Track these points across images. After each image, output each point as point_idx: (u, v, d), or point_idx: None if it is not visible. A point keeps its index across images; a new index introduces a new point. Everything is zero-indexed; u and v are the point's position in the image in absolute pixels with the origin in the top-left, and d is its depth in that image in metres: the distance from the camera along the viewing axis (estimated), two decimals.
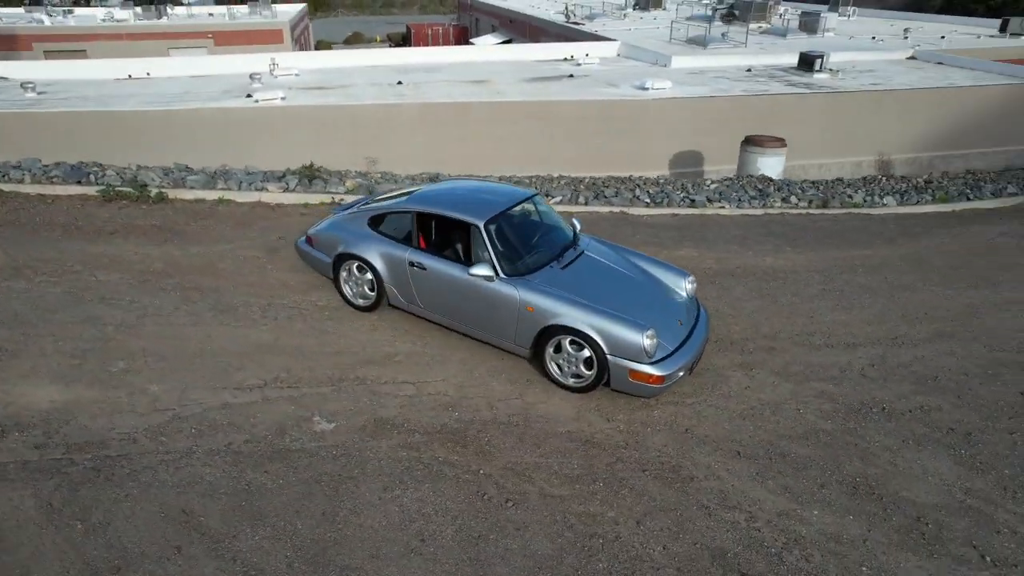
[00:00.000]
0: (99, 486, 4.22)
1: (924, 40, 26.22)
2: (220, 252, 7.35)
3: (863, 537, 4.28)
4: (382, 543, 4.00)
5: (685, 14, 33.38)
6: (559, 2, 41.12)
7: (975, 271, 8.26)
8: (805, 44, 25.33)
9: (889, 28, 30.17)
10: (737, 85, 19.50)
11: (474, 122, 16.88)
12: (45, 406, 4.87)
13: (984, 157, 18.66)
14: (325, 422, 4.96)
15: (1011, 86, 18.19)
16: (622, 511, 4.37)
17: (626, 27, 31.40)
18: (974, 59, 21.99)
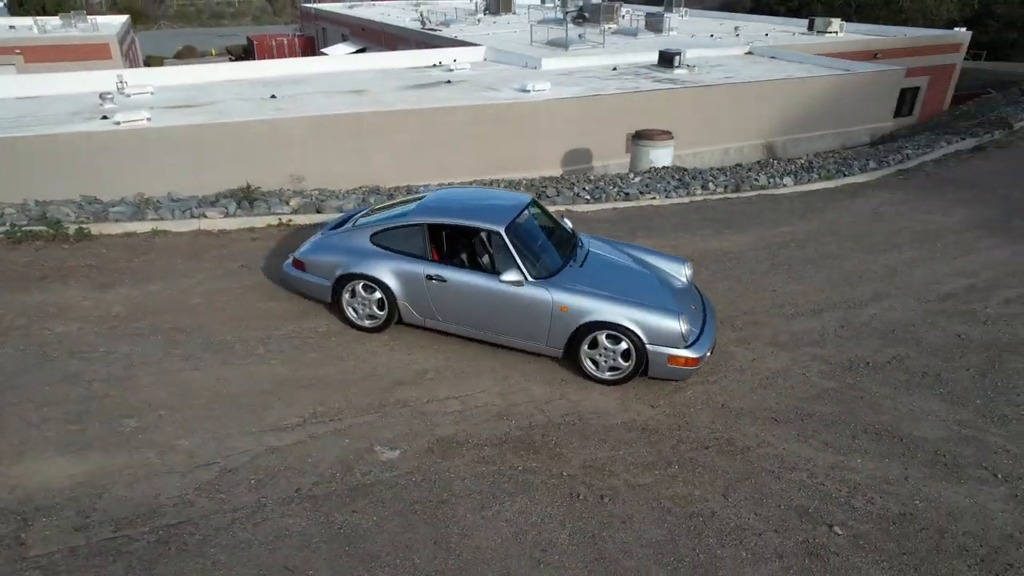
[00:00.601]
0: (177, 560, 3.76)
1: (750, 37, 29.12)
2: (184, 287, 6.68)
3: (904, 475, 4.84)
4: (507, 560, 3.93)
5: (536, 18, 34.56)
6: (406, 10, 40.94)
7: (877, 237, 9.45)
8: (655, 43, 27.19)
9: (720, 27, 33.16)
10: (610, 83, 20.54)
11: (369, 132, 16.46)
12: (63, 482, 4.23)
13: (823, 139, 21.14)
14: (388, 450, 4.74)
15: (838, 76, 20.75)
16: (705, 488, 4.60)
17: (482, 32, 31.91)
18: (800, 53, 24.80)
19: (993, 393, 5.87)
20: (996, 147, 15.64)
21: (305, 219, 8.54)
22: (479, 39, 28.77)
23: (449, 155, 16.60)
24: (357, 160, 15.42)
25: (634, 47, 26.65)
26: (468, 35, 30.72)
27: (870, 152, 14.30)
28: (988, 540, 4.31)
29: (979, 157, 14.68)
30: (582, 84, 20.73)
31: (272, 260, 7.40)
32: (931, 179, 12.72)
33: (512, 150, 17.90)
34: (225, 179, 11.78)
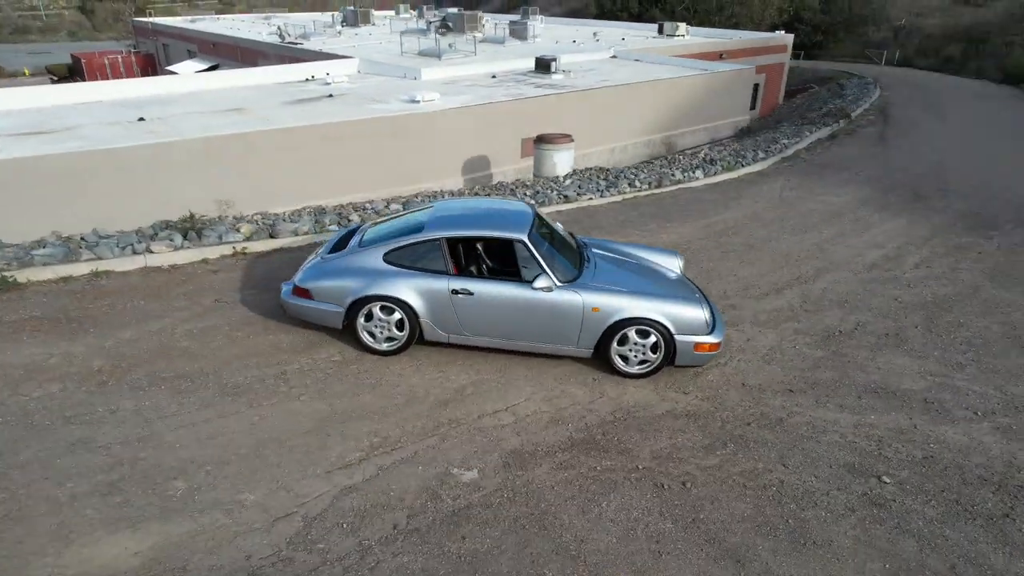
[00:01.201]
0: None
1: (609, 42, 30.82)
2: (164, 331, 6.04)
3: (912, 424, 5.49)
4: (632, 557, 4.02)
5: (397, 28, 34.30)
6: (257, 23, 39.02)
7: (794, 220, 10.49)
8: (523, 50, 27.99)
9: (577, 33, 34.75)
10: (495, 91, 20.90)
11: (266, 152, 15.63)
12: (133, 562, 3.74)
13: (695, 134, 22.87)
14: (466, 471, 4.64)
15: (702, 75, 22.55)
16: (764, 461, 4.95)
17: (346, 44, 31.17)
18: (660, 55, 26.63)
19: (943, 345, 6.77)
20: (845, 135, 17.79)
21: (261, 246, 8.01)
22: (345, 51, 28.08)
23: (350, 170, 16.10)
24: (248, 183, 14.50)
25: (505, 55, 27.27)
26: (332, 48, 29.87)
27: (754, 144, 15.73)
28: (995, 469, 5.00)
29: (836, 144, 16.63)
30: (468, 92, 20.93)
31: (247, 292, 6.88)
32: (809, 165, 14.25)
33: (413, 162, 17.73)
34: (112, 211, 10.76)
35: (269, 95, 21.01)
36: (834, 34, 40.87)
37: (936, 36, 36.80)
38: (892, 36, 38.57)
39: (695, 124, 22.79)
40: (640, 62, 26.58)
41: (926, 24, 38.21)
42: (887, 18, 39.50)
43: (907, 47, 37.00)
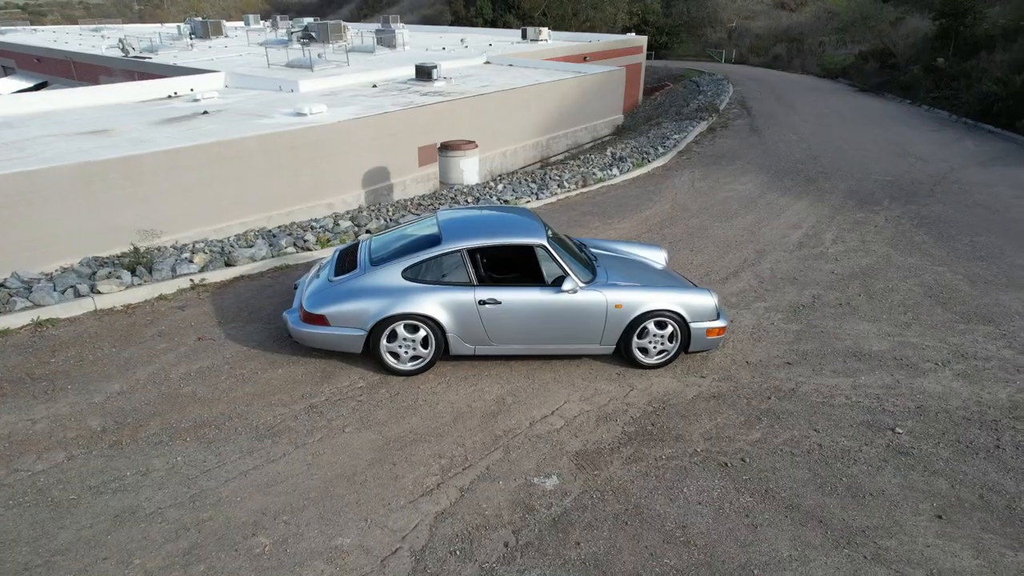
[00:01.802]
0: None
1: (476, 48, 31.23)
2: (157, 377, 5.43)
3: (895, 381, 6.18)
4: (733, 533, 4.24)
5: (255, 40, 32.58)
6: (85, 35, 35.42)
7: (717, 208, 11.30)
8: (396, 58, 27.68)
9: (440, 40, 34.83)
10: (382, 100, 20.53)
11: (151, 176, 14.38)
12: None
13: (577, 134, 23.80)
14: (544, 479, 4.64)
15: (579, 77, 23.51)
16: (797, 428, 5.38)
17: (201, 57, 29.15)
18: (531, 59, 27.41)
19: (886, 309, 7.66)
20: (721, 127, 19.32)
21: (219, 276, 7.39)
22: (202, 65, 26.31)
23: (247, 190, 15.19)
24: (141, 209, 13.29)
25: (379, 64, 26.83)
26: (186, 61, 27.87)
27: (650, 140, 16.67)
28: (971, 409, 5.78)
29: (717, 136, 18.02)
30: (355, 103, 20.41)
31: (229, 327, 6.35)
32: (703, 157, 15.37)
33: (313, 177, 17.07)
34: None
35: (133, 114, 19.25)
36: (677, 35, 44.10)
37: (764, 36, 40.86)
38: (727, 37, 42.32)
39: (577, 124, 23.71)
40: (514, 67, 27.19)
41: (753, 26, 42.33)
42: (721, 20, 43.27)
43: (741, 46, 40.77)
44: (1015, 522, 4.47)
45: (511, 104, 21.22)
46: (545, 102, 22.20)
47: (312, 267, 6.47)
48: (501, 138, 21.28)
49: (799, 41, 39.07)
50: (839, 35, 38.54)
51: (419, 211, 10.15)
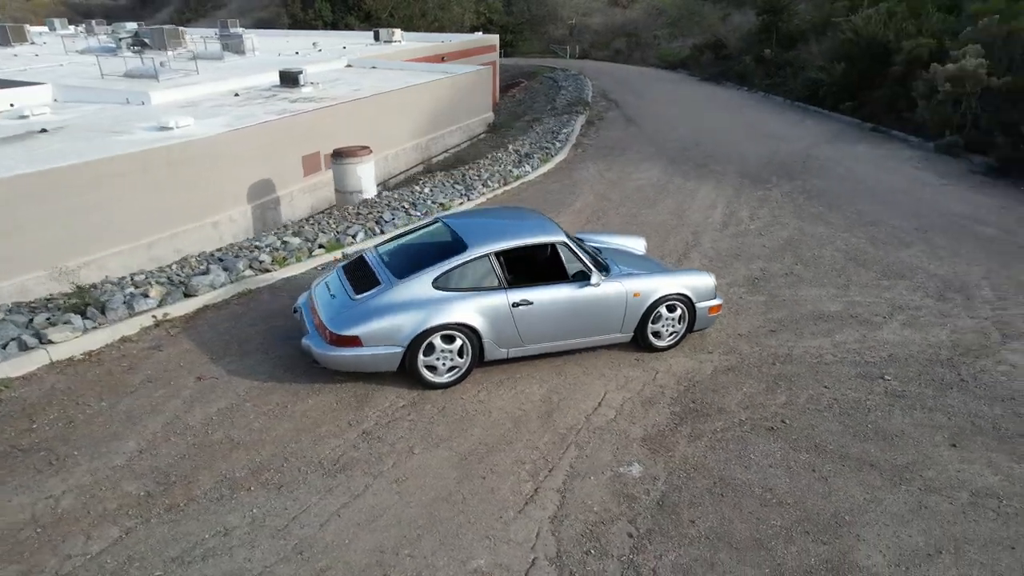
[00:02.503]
0: None
1: (330, 52, 30.17)
2: (175, 427, 4.82)
3: (863, 335, 6.97)
4: (811, 488, 4.63)
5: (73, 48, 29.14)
6: None
7: (636, 196, 11.93)
8: (248, 64, 26.05)
9: (288, 43, 33.17)
10: (252, 109, 19.29)
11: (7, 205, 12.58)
12: None
13: (453, 134, 23.82)
14: (628, 467, 4.76)
15: (451, 77, 23.52)
16: (811, 388, 5.93)
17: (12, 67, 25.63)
18: (394, 61, 26.98)
19: (822, 274, 8.57)
20: (598, 120, 20.28)
21: (182, 309, 6.66)
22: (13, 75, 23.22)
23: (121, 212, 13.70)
24: None
25: (234, 71, 25.12)
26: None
27: (541, 136, 17.10)
28: (928, 351, 6.68)
29: (599, 128, 18.91)
30: (223, 114, 19.03)
31: (225, 362, 5.78)
32: (596, 149, 16.07)
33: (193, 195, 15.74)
34: None
35: None
36: (521, 33, 45.34)
37: (602, 32, 43.20)
38: (569, 33, 44.22)
39: (453, 124, 23.73)
40: (378, 69, 26.62)
41: (592, 22, 44.61)
42: (561, 18, 45.12)
43: (583, 42, 42.80)
44: (1008, 439, 5.27)
45: (390, 107, 20.80)
46: (422, 104, 21.99)
47: (313, 288, 6.04)
48: (383, 142, 20.79)
49: (635, 36, 41.76)
50: (670, 29, 41.73)
51: (360, 219, 9.73)
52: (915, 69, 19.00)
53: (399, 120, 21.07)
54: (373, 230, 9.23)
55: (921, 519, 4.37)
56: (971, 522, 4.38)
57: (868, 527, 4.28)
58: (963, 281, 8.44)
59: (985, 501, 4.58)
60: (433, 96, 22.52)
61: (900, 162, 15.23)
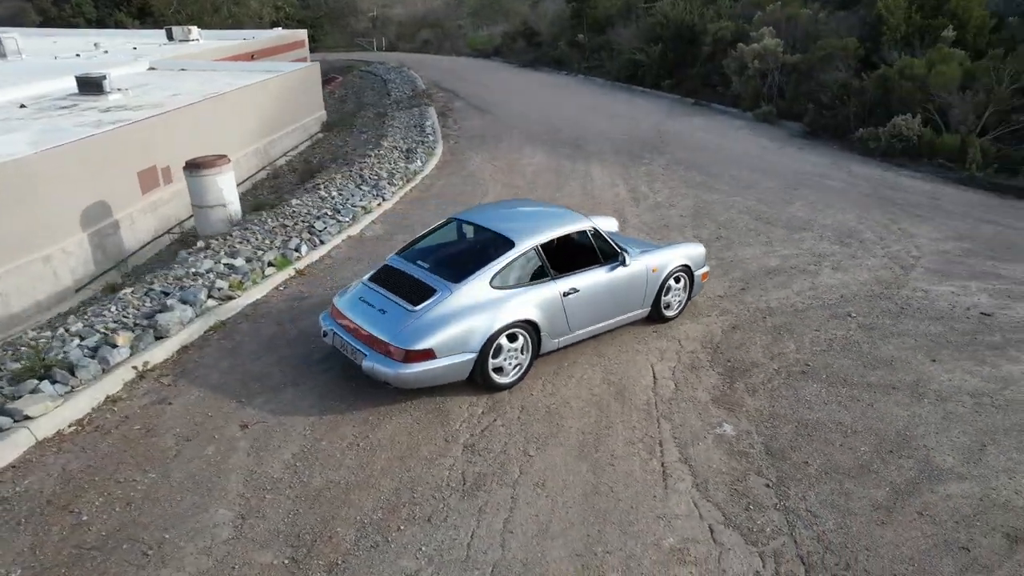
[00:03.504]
0: None
1: (123, 52, 26.72)
2: (260, 486, 4.18)
3: (812, 284, 7.95)
4: (866, 413, 5.29)
5: None
6: None
7: (543, 182, 12.26)
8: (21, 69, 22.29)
9: (56, 44, 28.67)
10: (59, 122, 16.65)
11: None
12: None
13: (290, 135, 22.41)
14: (721, 429, 5.08)
15: (282, 76, 22.00)
16: (807, 334, 6.69)
17: None
18: (204, 62, 24.59)
19: (745, 235, 9.57)
20: (448, 111, 20.30)
21: (161, 354, 5.74)
22: None
23: None
24: None
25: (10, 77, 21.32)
26: None
27: (406, 130, 16.73)
28: (865, 289, 7.82)
29: (457, 119, 18.96)
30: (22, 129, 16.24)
31: (258, 404, 5.12)
32: (467, 140, 16.15)
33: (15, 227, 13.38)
34: None
35: None
36: (321, 27, 43.44)
37: (407, 23, 42.86)
38: (372, 26, 43.23)
39: (290, 125, 22.31)
40: (188, 71, 24.12)
41: (393, 14, 44.02)
42: (361, 10, 43.92)
43: (388, 34, 42.13)
44: (963, 348, 6.40)
45: (225, 111, 19.03)
46: (258, 105, 20.39)
47: (341, 307, 5.52)
48: (223, 149, 19.00)
49: (440, 26, 42.00)
50: (472, 19, 42.57)
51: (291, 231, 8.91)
52: (722, 49, 21.47)
53: (236, 124, 19.35)
54: (312, 241, 8.56)
55: (954, 423, 5.21)
56: (986, 417, 5.30)
57: (926, 438, 5.02)
58: (849, 228, 9.90)
59: (982, 399, 5.56)
60: (268, 96, 20.99)
61: (735, 131, 17.21)
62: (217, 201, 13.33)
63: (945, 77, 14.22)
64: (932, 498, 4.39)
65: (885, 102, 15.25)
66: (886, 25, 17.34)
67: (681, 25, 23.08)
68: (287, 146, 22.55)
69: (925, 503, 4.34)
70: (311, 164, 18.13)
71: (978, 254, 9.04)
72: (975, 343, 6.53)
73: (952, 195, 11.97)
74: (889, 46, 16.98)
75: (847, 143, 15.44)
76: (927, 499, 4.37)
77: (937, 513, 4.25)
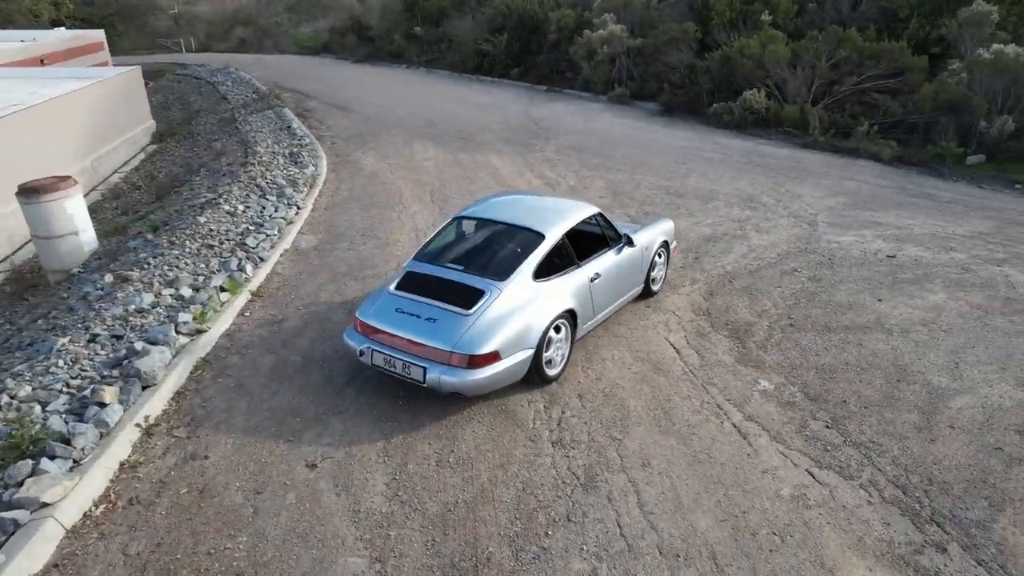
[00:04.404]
0: None
1: None
2: (384, 522, 3.79)
3: (750, 248, 8.73)
4: (863, 358, 6.00)
5: None
6: None
7: (447, 177, 12.11)
8: None
9: None
10: None
11: None
12: None
13: (119, 150, 19.99)
14: (761, 385, 5.49)
15: (100, 83, 19.40)
16: (776, 290, 7.36)
17: None
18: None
19: (669, 208, 10.20)
20: (306, 112, 19.28)
21: (155, 406, 4.98)
22: None
23: None
24: None
25: None
26: None
27: (276, 134, 15.61)
28: (792, 244, 8.75)
29: (319, 119, 18.04)
30: None
31: (309, 437, 4.65)
32: (345, 141, 15.48)
33: None
34: None
35: None
36: (113, 27, 38.76)
37: (216, 21, 39.55)
38: (175, 24, 39.35)
39: (117, 138, 19.84)
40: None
41: (199, 11, 40.36)
42: (161, 8, 39.76)
43: (197, 33, 38.63)
44: (894, 285, 7.43)
45: (38, 126, 16.47)
46: (77, 119, 17.86)
47: (373, 321, 5.12)
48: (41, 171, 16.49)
49: (255, 24, 39.35)
50: (290, 15, 40.38)
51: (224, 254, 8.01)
52: (566, 36, 22.41)
53: (54, 141, 16.83)
54: (252, 259, 7.79)
55: (926, 349, 6.07)
56: (943, 340, 6.23)
57: (915, 364, 5.80)
58: (747, 193, 10.94)
59: (931, 327, 6.51)
60: (88, 107, 18.49)
61: (598, 113, 18.14)
62: (67, 230, 11.67)
63: (777, 55, 16.06)
64: (950, 413, 5.11)
65: (730, 79, 16.90)
66: (714, 11, 19.15)
67: (524, 15, 23.71)
68: (117, 162, 20.09)
69: (949, 418, 5.04)
70: (159, 179, 16.40)
71: (855, 206, 10.43)
72: (898, 281, 7.59)
73: (808, 158, 13.63)
74: (718, 29, 18.77)
75: (703, 118, 16.91)
76: (948, 415, 5.08)
77: (962, 425, 4.96)
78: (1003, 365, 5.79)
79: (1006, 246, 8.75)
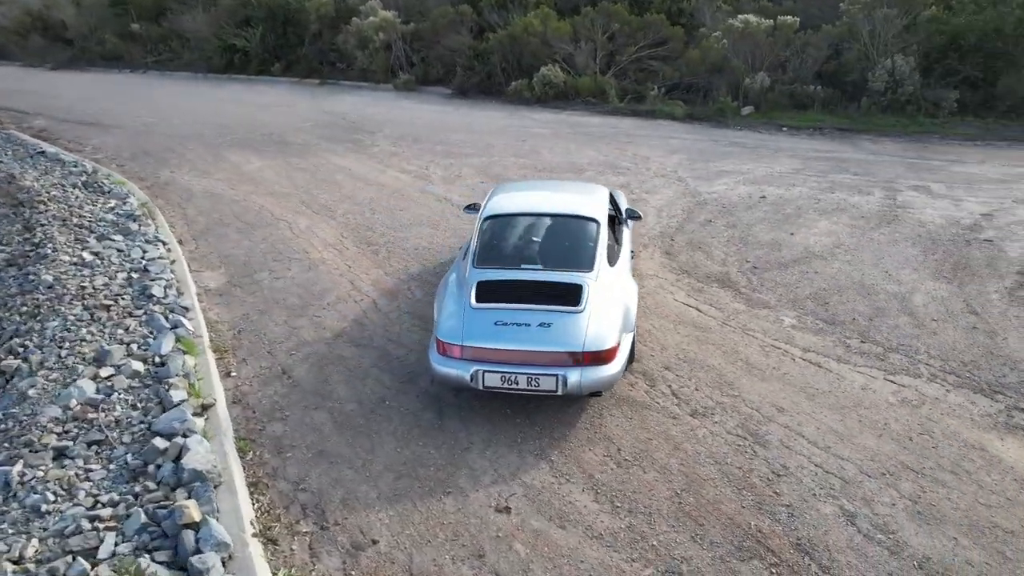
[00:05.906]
0: None
1: None
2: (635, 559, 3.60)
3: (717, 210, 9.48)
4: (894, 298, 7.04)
5: None
6: None
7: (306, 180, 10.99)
8: None
9: None
10: None
11: None
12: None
13: None
14: (785, 323, 6.15)
15: None
16: (759, 214, 8.15)
17: None
18: None
19: (641, 169, 10.53)
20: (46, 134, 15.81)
21: (244, 510, 3.96)
22: None
23: None
24: None
25: None
26: None
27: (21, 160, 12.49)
28: (754, 196, 9.71)
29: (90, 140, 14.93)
30: None
31: (458, 483, 4.13)
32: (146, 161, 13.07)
33: None
34: None
35: None
36: None
37: None
38: None
39: None
40: None
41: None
42: None
43: None
44: (788, 221, 8.71)
45: None
46: None
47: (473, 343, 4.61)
48: None
49: None
50: None
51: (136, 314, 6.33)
52: (329, 26, 21.27)
53: None
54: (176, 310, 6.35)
55: (864, 265, 7.27)
56: (865, 253, 7.53)
57: (867, 277, 6.94)
58: (607, 161, 11.71)
59: (846, 247, 7.80)
60: None
61: (395, 101, 17.78)
62: None
63: (560, 31, 17.22)
64: (922, 310, 6.27)
65: (519, 57, 17.67)
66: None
67: (275, 5, 21.89)
68: None
69: (925, 314, 6.18)
70: None
71: (697, 161, 11.78)
72: (787, 218, 8.82)
73: (620, 123, 14.94)
74: (489, 10, 19.42)
75: (503, 97, 17.47)
76: (923, 312, 6.23)
77: (939, 316, 6.13)
78: (914, 267, 7.21)
79: (823, 177, 10.66)
